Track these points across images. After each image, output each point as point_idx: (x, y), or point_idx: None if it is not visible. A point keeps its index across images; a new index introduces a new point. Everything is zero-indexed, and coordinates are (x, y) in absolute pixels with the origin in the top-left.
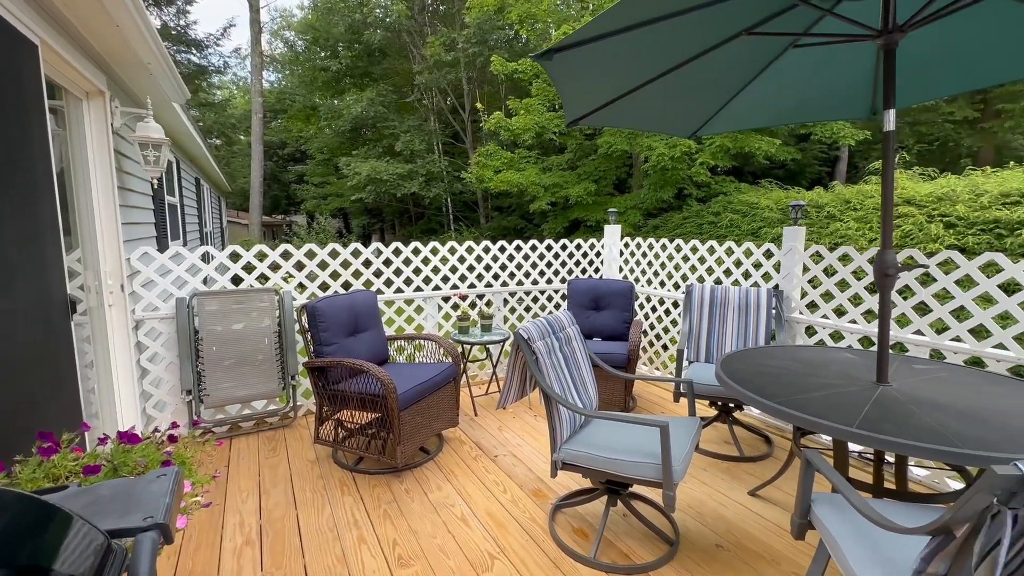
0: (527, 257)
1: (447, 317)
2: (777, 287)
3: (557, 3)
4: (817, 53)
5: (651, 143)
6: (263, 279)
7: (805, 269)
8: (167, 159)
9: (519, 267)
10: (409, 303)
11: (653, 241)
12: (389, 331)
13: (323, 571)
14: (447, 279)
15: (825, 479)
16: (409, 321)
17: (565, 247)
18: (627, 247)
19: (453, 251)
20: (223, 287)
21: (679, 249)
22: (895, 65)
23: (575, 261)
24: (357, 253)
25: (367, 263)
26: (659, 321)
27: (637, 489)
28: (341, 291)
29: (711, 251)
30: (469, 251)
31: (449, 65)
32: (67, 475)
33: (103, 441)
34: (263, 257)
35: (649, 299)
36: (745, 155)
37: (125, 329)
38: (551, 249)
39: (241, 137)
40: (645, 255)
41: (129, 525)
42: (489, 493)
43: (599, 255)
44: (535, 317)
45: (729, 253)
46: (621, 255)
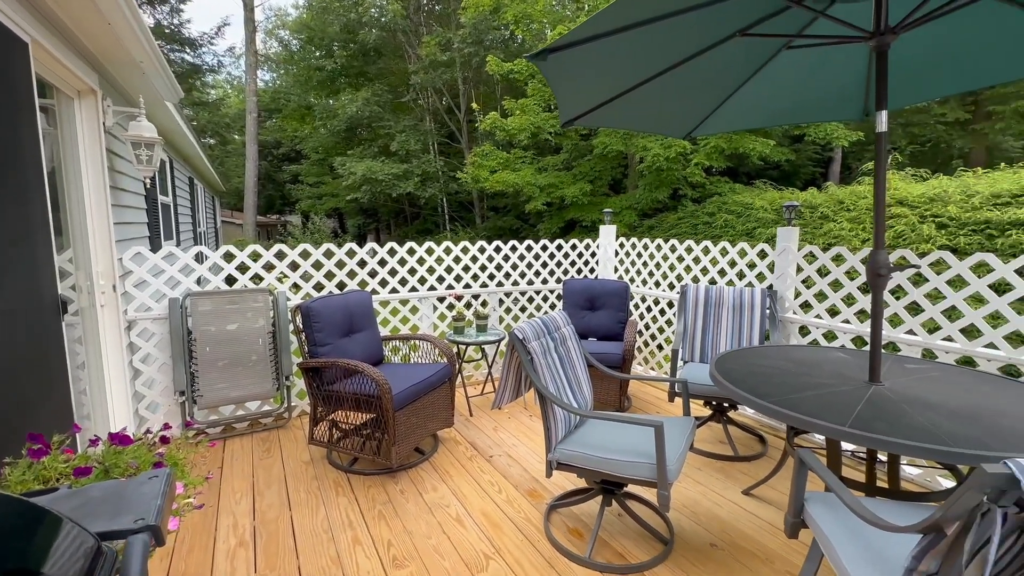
0: (522, 257)
1: (442, 317)
2: (771, 287)
3: (553, 3)
4: (811, 55)
5: (646, 144)
6: (257, 279)
7: (799, 269)
8: (160, 158)
9: (514, 267)
10: (404, 303)
11: (648, 241)
12: (384, 331)
13: (317, 572)
14: (442, 279)
15: (819, 478)
16: (404, 321)
17: (560, 247)
18: (622, 247)
19: (448, 251)
20: (217, 287)
21: (674, 249)
22: (887, 67)
23: (570, 261)
24: (352, 253)
25: (362, 263)
26: (654, 321)
27: (632, 489)
28: (336, 291)
29: (706, 251)
30: (464, 251)
31: (445, 65)
32: (57, 477)
33: (94, 443)
34: (257, 257)
35: (644, 299)
36: (740, 156)
37: (117, 330)
38: (546, 249)
39: (235, 136)
40: (640, 255)
41: (120, 527)
42: (484, 493)
43: (594, 255)
44: (530, 317)
45: (724, 253)
46: (616, 255)
